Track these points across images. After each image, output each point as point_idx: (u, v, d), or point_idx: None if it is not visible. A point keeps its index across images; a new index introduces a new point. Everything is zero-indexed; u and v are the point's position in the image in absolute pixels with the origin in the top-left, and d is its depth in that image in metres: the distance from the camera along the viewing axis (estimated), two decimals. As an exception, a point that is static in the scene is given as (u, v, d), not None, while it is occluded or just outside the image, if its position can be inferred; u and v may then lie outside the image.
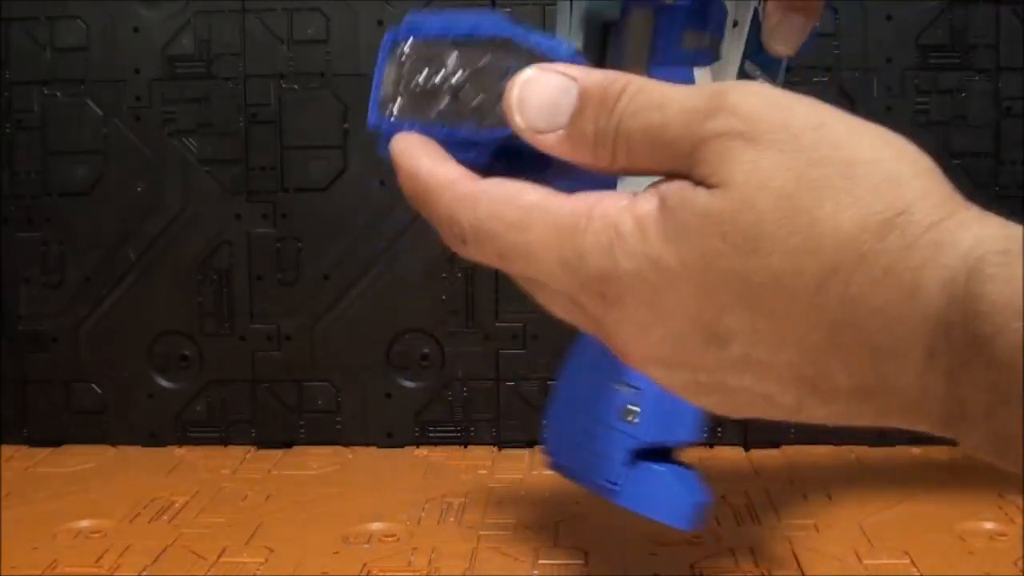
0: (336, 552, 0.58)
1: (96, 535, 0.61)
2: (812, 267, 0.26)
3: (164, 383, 0.75)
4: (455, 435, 0.74)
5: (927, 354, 0.25)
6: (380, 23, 0.73)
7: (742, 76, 0.46)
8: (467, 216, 0.30)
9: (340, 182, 0.73)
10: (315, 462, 0.72)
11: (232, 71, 0.73)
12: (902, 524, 0.60)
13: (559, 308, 0.31)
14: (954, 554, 0.56)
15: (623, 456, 0.47)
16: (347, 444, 0.75)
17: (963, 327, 0.24)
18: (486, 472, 0.69)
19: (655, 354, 0.29)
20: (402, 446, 0.74)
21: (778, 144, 0.26)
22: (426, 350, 0.74)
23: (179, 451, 0.75)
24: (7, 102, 0.74)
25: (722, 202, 0.26)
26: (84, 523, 0.62)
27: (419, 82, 0.33)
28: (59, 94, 0.74)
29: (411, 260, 0.73)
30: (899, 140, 0.27)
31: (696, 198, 0.27)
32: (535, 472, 0.69)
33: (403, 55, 0.34)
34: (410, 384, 0.74)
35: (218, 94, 0.73)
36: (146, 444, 0.75)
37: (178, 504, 0.65)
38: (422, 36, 0.33)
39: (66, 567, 0.56)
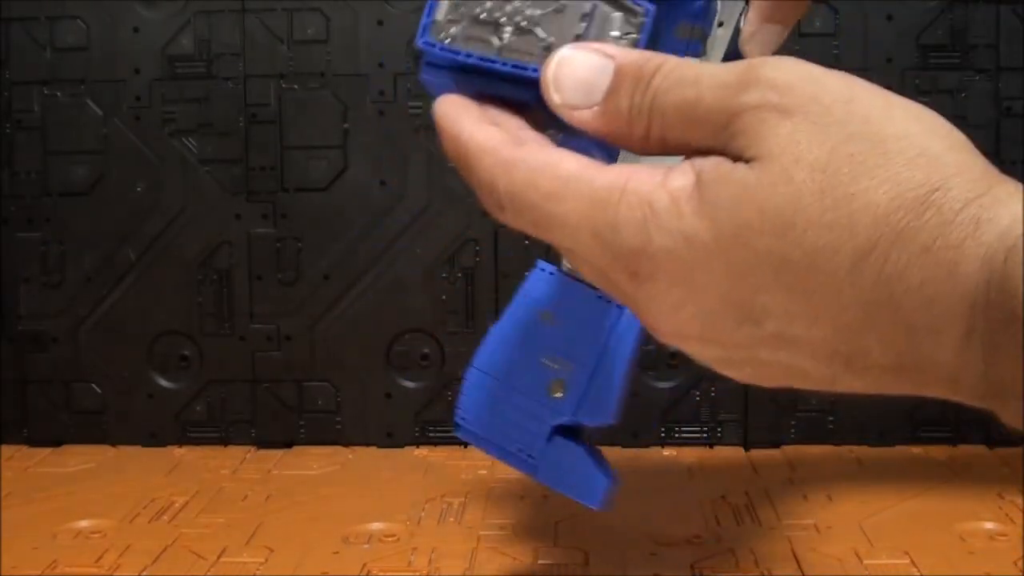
0: (336, 552, 0.58)
1: (96, 535, 0.61)
2: (848, 244, 0.26)
3: (164, 383, 0.75)
4: (455, 435, 0.74)
5: (965, 332, 0.25)
6: (380, 23, 0.73)
7: None
8: (504, 183, 0.30)
9: (340, 182, 0.73)
10: (315, 462, 0.72)
11: (232, 71, 0.73)
12: (902, 524, 0.60)
13: (592, 275, 0.31)
14: (954, 554, 0.56)
15: (545, 431, 0.47)
16: (347, 444, 0.75)
17: (1001, 307, 0.24)
18: (486, 472, 0.69)
19: (686, 331, 0.29)
20: (402, 446, 0.74)
21: (812, 116, 0.26)
22: (426, 350, 0.74)
23: (179, 451, 0.75)
24: (7, 102, 0.74)
25: (760, 175, 0.26)
26: (84, 523, 0.62)
27: (484, 9, 0.32)
28: (59, 94, 0.74)
29: (411, 260, 0.74)
30: (930, 114, 0.27)
31: (734, 172, 0.27)
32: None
33: None
34: (410, 384, 0.74)
35: (218, 94, 0.73)
36: (146, 444, 0.75)
37: (178, 504, 0.65)
38: None
39: (66, 567, 0.56)
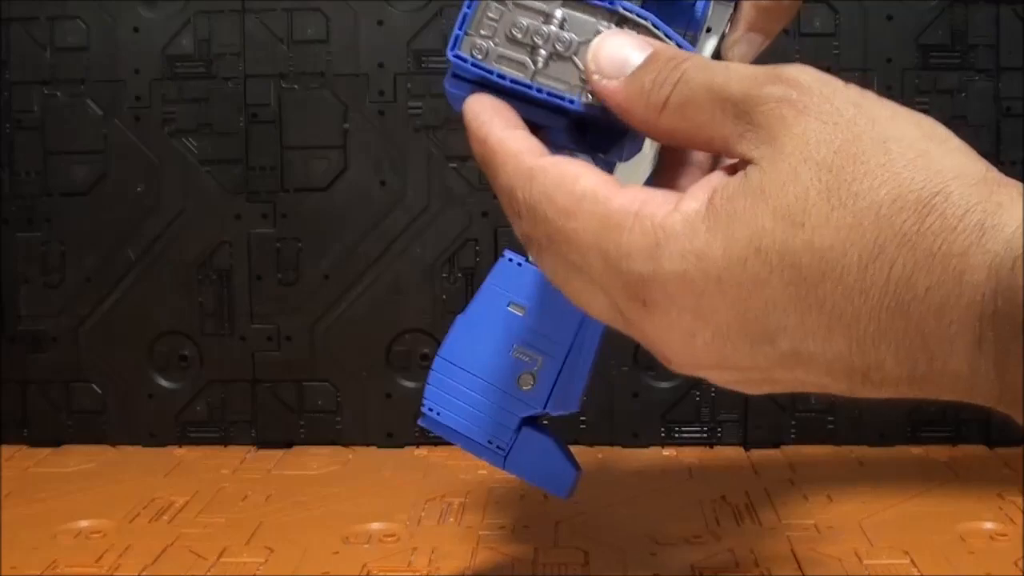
0: (336, 552, 0.58)
1: (96, 535, 0.61)
2: (855, 246, 0.26)
3: (164, 383, 0.75)
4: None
5: (975, 341, 0.25)
6: (380, 23, 0.73)
7: None
8: (523, 192, 0.30)
9: (340, 182, 0.73)
10: (315, 462, 0.72)
11: (232, 71, 0.73)
12: (902, 524, 0.60)
13: (597, 306, 0.31)
14: (954, 554, 0.56)
15: (515, 422, 0.47)
16: (347, 444, 0.75)
17: (1010, 317, 0.24)
18: (486, 472, 0.69)
19: (702, 360, 0.29)
20: (402, 446, 0.74)
21: (824, 116, 0.27)
22: (426, 350, 0.74)
23: (179, 451, 0.75)
24: (7, 102, 0.74)
25: (771, 175, 0.27)
26: (84, 523, 0.62)
27: (520, 28, 0.32)
28: (59, 94, 0.74)
29: (411, 260, 0.74)
30: (930, 121, 0.28)
31: (747, 183, 0.27)
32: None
33: None
34: (410, 384, 0.74)
35: (218, 94, 0.73)
36: (146, 444, 0.75)
37: (178, 504, 0.65)
38: None
39: (66, 567, 0.56)
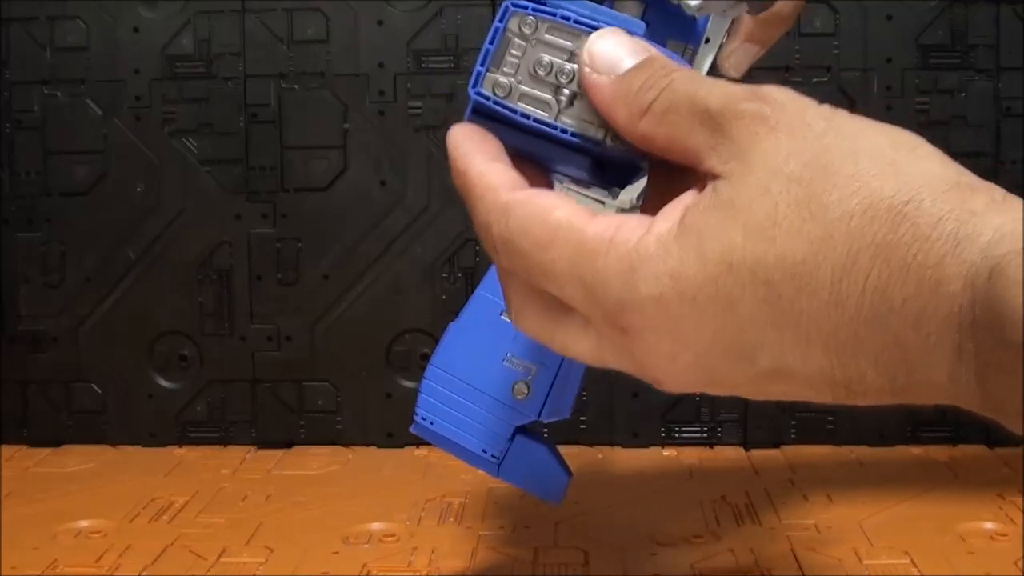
0: (336, 552, 0.58)
1: (96, 535, 0.61)
2: (828, 258, 0.26)
3: (164, 383, 0.75)
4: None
5: (955, 352, 0.25)
6: (380, 23, 0.73)
7: None
8: (499, 228, 0.30)
9: (340, 182, 0.73)
10: (315, 462, 0.72)
11: (232, 71, 0.73)
12: (902, 524, 0.60)
13: (585, 347, 0.31)
14: (954, 554, 0.56)
15: (509, 431, 0.47)
16: (347, 444, 0.75)
17: (989, 329, 0.24)
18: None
19: (688, 380, 0.29)
20: (402, 446, 0.74)
21: (795, 131, 0.27)
22: (426, 350, 0.74)
23: (179, 451, 0.75)
24: (7, 102, 0.74)
25: (740, 189, 0.27)
26: (84, 523, 0.62)
27: (542, 65, 0.32)
28: (59, 94, 0.74)
29: (411, 260, 0.74)
30: (897, 130, 0.27)
31: (718, 198, 0.27)
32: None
33: (524, 30, 0.32)
34: (410, 384, 0.74)
35: (218, 94, 0.73)
36: (146, 444, 0.75)
37: (178, 504, 0.65)
38: (548, 14, 0.32)
39: (66, 567, 0.56)
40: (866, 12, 0.71)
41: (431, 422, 0.48)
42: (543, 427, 0.49)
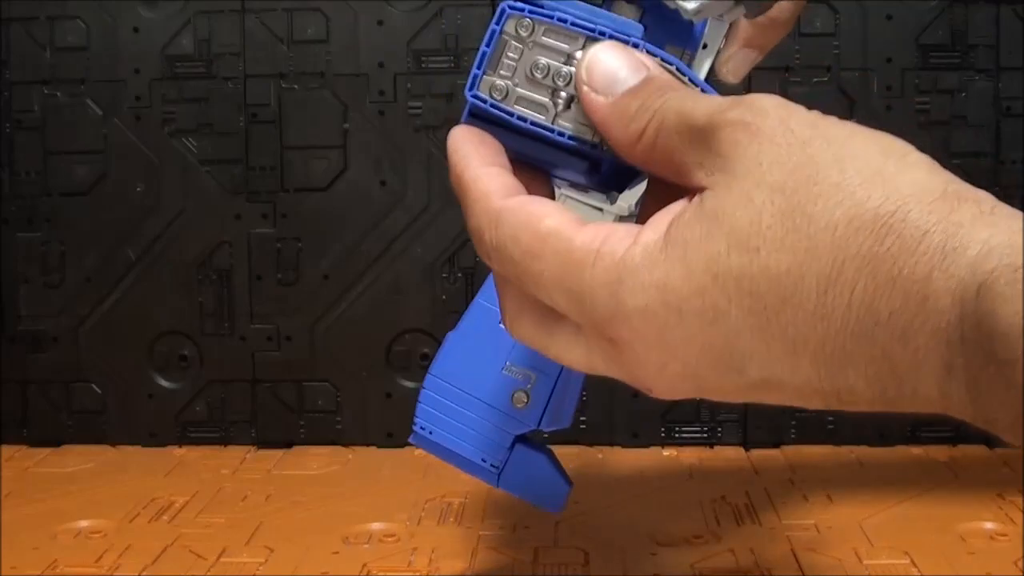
0: (336, 552, 0.58)
1: (96, 535, 0.61)
2: (812, 270, 0.25)
3: (164, 383, 0.75)
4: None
5: (944, 368, 0.25)
6: (380, 23, 0.73)
7: None
8: (490, 234, 0.30)
9: (340, 182, 0.73)
10: (315, 462, 0.72)
11: (232, 71, 0.73)
12: (902, 524, 0.60)
13: (577, 355, 0.31)
14: (954, 554, 0.56)
15: (508, 440, 0.47)
16: (347, 444, 0.75)
17: (978, 345, 0.24)
18: (486, 472, 0.69)
19: (679, 389, 0.29)
20: (402, 446, 0.74)
21: (778, 139, 0.27)
22: (426, 350, 0.74)
23: (179, 451, 0.75)
24: (7, 102, 0.74)
25: (724, 199, 0.27)
26: (84, 523, 0.62)
27: (539, 68, 0.31)
28: (59, 94, 0.74)
29: (411, 260, 0.74)
30: (887, 137, 0.27)
31: (702, 208, 0.27)
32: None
33: (521, 32, 0.32)
34: (410, 384, 0.74)
35: (218, 94, 0.73)
36: (146, 444, 0.75)
37: (178, 504, 0.65)
38: (545, 17, 0.31)
39: (66, 567, 0.56)
40: (866, 12, 0.71)
41: (430, 432, 0.48)
42: (543, 435, 0.49)
